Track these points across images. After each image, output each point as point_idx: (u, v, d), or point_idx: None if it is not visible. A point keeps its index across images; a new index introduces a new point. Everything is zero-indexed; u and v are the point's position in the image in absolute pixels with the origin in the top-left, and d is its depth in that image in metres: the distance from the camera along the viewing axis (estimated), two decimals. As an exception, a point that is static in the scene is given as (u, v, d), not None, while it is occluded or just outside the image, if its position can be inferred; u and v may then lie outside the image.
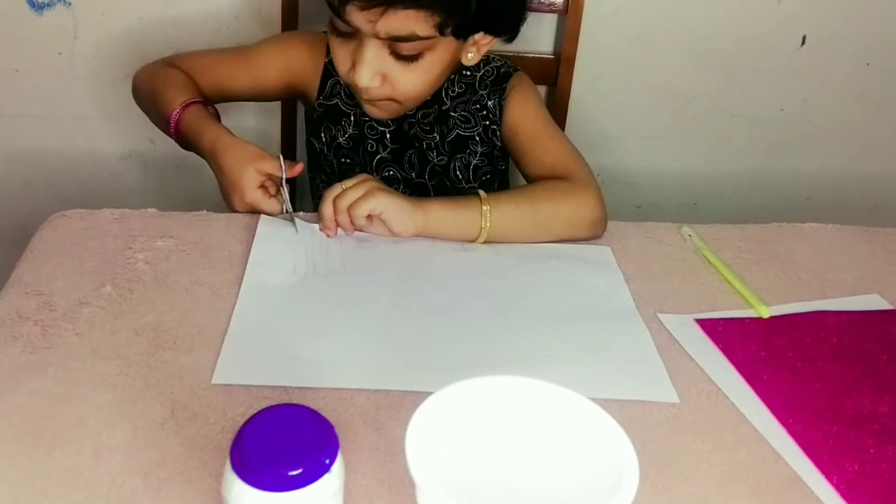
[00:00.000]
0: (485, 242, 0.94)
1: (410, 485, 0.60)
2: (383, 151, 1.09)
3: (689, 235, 1.02)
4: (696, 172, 1.58)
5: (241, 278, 0.86)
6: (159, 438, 0.66)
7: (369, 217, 0.91)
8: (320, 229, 0.93)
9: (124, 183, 1.45)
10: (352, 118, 1.08)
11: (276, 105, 1.37)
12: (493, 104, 1.08)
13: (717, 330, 0.85)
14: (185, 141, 1.02)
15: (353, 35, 0.95)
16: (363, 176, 0.93)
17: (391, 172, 1.10)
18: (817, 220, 1.09)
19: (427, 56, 0.95)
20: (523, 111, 1.08)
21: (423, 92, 1.01)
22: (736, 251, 1.00)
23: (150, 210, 0.95)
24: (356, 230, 0.93)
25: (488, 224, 0.92)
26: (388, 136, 1.09)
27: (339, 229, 0.93)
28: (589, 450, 0.60)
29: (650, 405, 0.75)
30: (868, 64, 1.52)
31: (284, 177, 0.95)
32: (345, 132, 1.08)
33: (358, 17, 0.91)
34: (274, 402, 0.66)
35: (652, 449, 0.69)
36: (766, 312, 0.89)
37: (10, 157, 1.40)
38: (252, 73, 1.09)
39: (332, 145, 1.10)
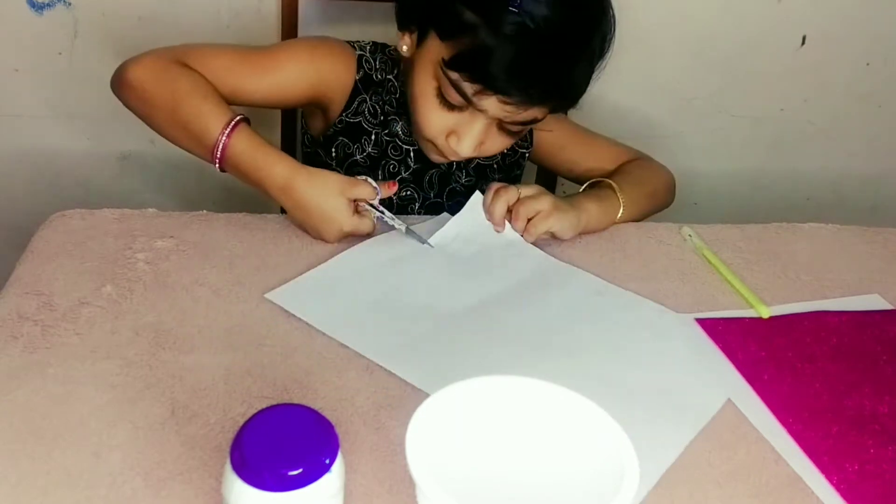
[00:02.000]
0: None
1: (410, 485, 0.60)
2: (405, 172, 1.08)
3: (690, 235, 1.02)
4: (696, 172, 1.58)
5: (241, 278, 0.86)
6: (159, 438, 0.66)
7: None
8: (490, 221, 0.96)
9: (124, 183, 1.45)
10: (373, 137, 1.05)
11: (276, 117, 1.37)
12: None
13: (717, 330, 0.85)
14: (235, 170, 0.92)
15: (462, 108, 0.93)
16: (538, 188, 0.97)
17: (408, 192, 1.08)
18: (817, 220, 1.09)
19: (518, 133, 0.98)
20: (563, 127, 1.12)
21: (498, 152, 1.03)
22: (736, 251, 1.00)
23: (150, 210, 0.95)
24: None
25: (622, 206, 1.03)
26: (411, 154, 1.07)
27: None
28: (589, 450, 0.60)
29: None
30: (868, 64, 1.52)
31: (379, 198, 0.94)
32: (363, 150, 1.05)
33: (495, 108, 0.91)
34: (274, 402, 0.67)
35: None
36: (766, 312, 0.89)
37: (10, 157, 1.40)
38: (277, 80, 1.00)
39: (346, 161, 1.06)
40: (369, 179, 0.94)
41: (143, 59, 0.94)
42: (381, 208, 0.94)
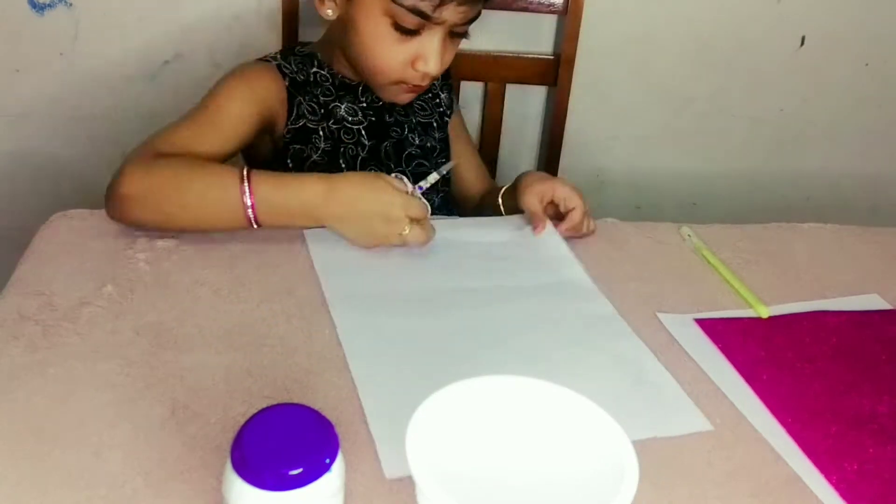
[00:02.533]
0: None
1: (410, 485, 0.61)
2: (363, 152, 1.09)
3: (689, 235, 1.02)
4: (696, 172, 1.59)
5: (242, 278, 0.86)
6: (160, 438, 0.66)
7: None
8: (531, 225, 0.99)
9: (125, 183, 1.45)
10: (321, 132, 1.06)
11: None
12: (446, 97, 1.18)
13: (717, 330, 0.85)
14: (272, 219, 0.89)
15: (416, 32, 0.97)
16: (573, 189, 1.00)
17: (372, 168, 1.10)
18: (817, 220, 1.09)
19: (463, 36, 1.02)
20: (463, 128, 1.24)
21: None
22: (735, 251, 1.00)
23: (150, 210, 0.95)
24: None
25: None
26: (363, 133, 1.09)
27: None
28: (589, 450, 0.60)
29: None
30: (867, 64, 1.52)
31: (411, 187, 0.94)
32: (317, 148, 1.06)
33: (452, 13, 0.95)
34: (274, 402, 0.67)
35: (652, 449, 0.70)
36: (765, 312, 0.89)
37: (10, 157, 1.40)
38: (233, 125, 0.98)
39: (305, 165, 1.07)
40: (401, 176, 0.94)
41: (125, 171, 0.88)
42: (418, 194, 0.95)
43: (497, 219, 1.04)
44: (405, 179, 0.93)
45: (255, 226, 0.89)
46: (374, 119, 1.10)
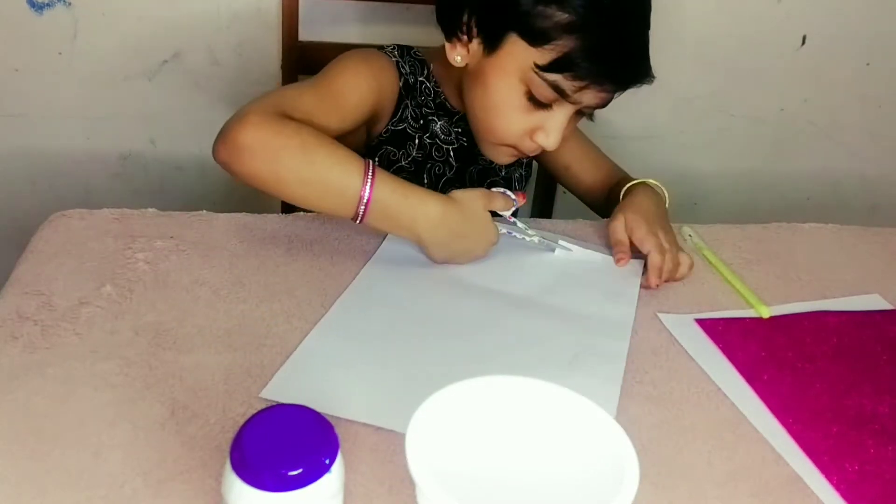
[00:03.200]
0: None
1: (410, 485, 0.60)
2: (449, 172, 1.08)
3: (690, 235, 1.02)
4: (697, 172, 1.59)
5: (241, 278, 0.86)
6: (159, 438, 0.66)
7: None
8: (614, 253, 0.96)
9: (124, 183, 1.45)
10: (416, 141, 1.04)
11: None
12: None
13: (717, 330, 0.85)
14: (381, 220, 0.87)
15: (547, 105, 0.93)
16: (651, 234, 0.94)
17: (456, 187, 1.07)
18: (817, 220, 1.09)
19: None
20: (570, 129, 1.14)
21: None
22: (736, 251, 1.00)
23: (150, 210, 0.95)
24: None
25: (666, 197, 1.04)
26: (451, 154, 1.07)
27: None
28: (589, 450, 0.60)
29: (650, 405, 0.75)
30: (868, 64, 1.52)
31: (517, 206, 0.94)
32: (408, 155, 1.04)
33: (591, 98, 0.92)
34: (274, 403, 0.67)
35: (652, 449, 0.70)
36: (766, 312, 0.88)
37: (10, 157, 1.40)
38: (352, 105, 0.96)
39: (391, 169, 1.04)
40: (507, 192, 0.93)
41: (249, 120, 0.84)
42: (514, 220, 0.95)
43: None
44: (509, 194, 0.93)
45: (359, 221, 0.86)
46: (465, 144, 1.07)
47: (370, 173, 0.84)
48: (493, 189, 0.93)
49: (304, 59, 1.32)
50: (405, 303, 0.85)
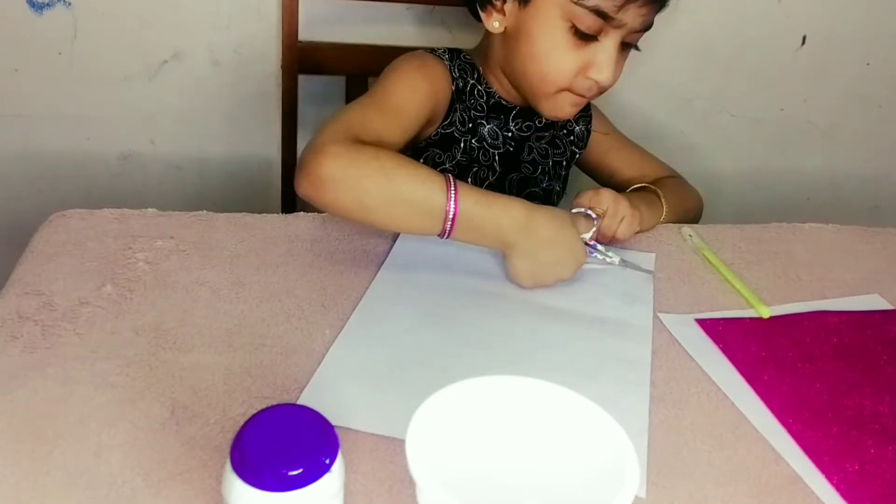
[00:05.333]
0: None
1: (410, 485, 0.60)
2: (492, 177, 1.09)
3: (690, 235, 1.02)
4: (697, 172, 1.58)
5: (242, 278, 0.86)
6: (159, 438, 0.66)
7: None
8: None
9: (124, 183, 1.45)
10: (461, 145, 1.05)
11: (277, 131, 1.37)
12: (581, 130, 1.16)
13: (717, 330, 0.85)
14: (466, 231, 0.86)
15: (592, 37, 0.94)
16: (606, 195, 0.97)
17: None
18: (817, 220, 1.09)
19: (633, 46, 1.01)
20: (606, 129, 1.18)
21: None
22: (736, 251, 1.00)
23: (150, 210, 0.95)
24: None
25: (665, 213, 1.06)
26: (496, 159, 1.08)
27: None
28: (589, 450, 0.60)
29: (650, 405, 0.75)
30: (868, 64, 1.52)
31: (596, 228, 0.95)
32: (453, 158, 1.05)
33: (633, 17, 0.94)
34: (274, 402, 0.67)
35: (652, 449, 0.70)
36: (766, 312, 0.88)
37: (10, 157, 1.40)
38: (412, 115, 0.97)
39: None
40: (589, 212, 0.94)
41: (327, 151, 0.83)
42: (594, 243, 0.95)
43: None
44: (590, 213, 0.95)
45: (446, 237, 0.85)
46: (511, 149, 1.09)
47: (452, 188, 0.83)
48: (574, 210, 0.95)
49: (304, 60, 1.32)
50: (420, 313, 0.85)
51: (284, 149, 1.38)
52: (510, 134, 1.08)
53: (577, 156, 1.18)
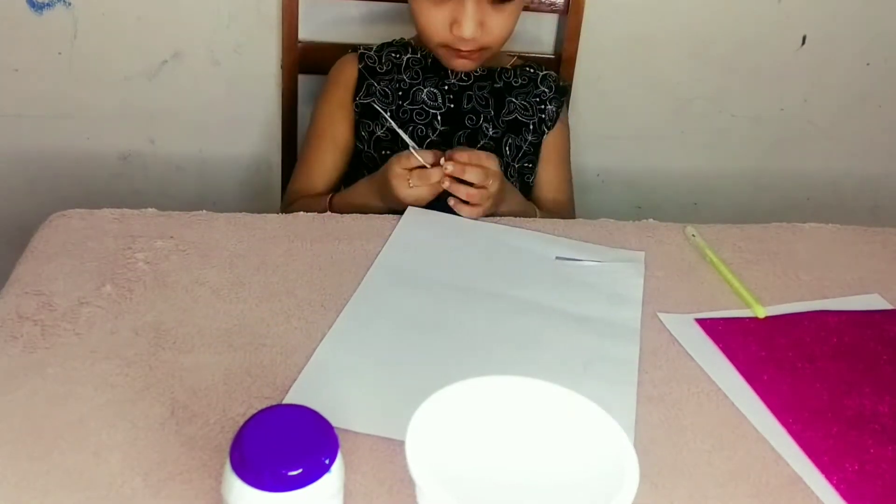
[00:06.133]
0: None
1: (410, 485, 0.60)
2: (433, 135, 1.16)
3: (693, 235, 1.02)
4: (696, 172, 1.58)
5: (241, 278, 0.86)
6: (159, 438, 0.66)
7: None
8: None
9: (124, 183, 1.45)
10: (387, 114, 1.12)
11: (277, 131, 1.37)
12: (553, 110, 1.20)
13: (717, 330, 0.85)
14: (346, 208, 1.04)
15: None
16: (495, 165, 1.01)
17: None
18: (817, 220, 1.09)
19: (509, 2, 1.06)
20: (562, 135, 1.23)
21: (508, 35, 1.11)
22: (736, 251, 1.00)
23: (149, 210, 0.95)
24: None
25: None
26: (438, 118, 1.16)
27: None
28: (589, 450, 0.60)
29: (650, 405, 0.75)
30: (868, 64, 1.52)
31: (425, 160, 0.99)
32: (382, 126, 1.14)
33: None
34: (274, 402, 0.67)
35: (652, 449, 0.69)
36: (762, 312, 0.88)
37: (10, 157, 1.40)
38: (338, 134, 1.17)
39: (372, 139, 1.16)
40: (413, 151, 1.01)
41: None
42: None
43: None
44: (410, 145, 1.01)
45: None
46: (452, 106, 1.16)
47: (328, 206, 1.06)
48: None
49: (303, 59, 1.32)
50: (409, 311, 0.85)
51: (284, 149, 1.38)
52: (447, 88, 1.16)
53: (546, 134, 1.20)
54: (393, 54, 1.18)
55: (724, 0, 1.42)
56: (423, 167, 0.99)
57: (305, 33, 1.32)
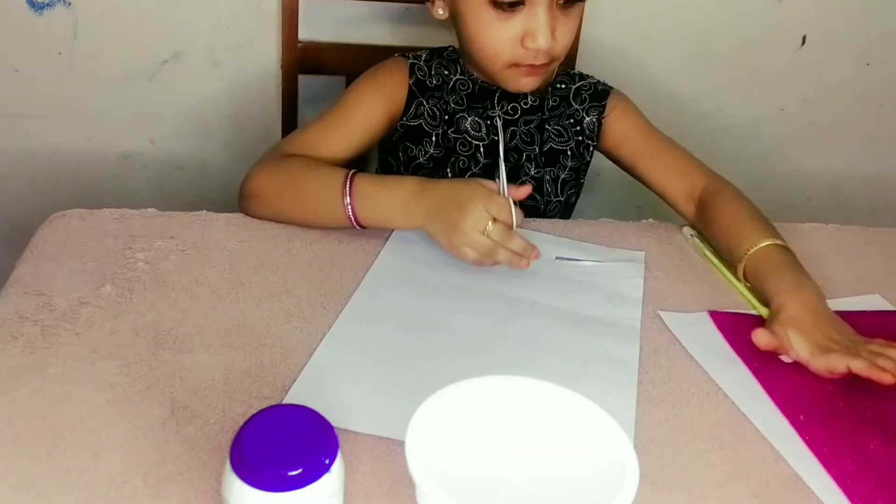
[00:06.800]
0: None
1: (410, 485, 0.60)
2: (475, 167, 1.08)
3: (691, 235, 1.02)
4: (696, 172, 1.58)
5: (241, 278, 0.86)
6: (159, 438, 0.66)
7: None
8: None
9: (124, 183, 1.45)
10: (433, 138, 1.06)
11: (276, 131, 1.37)
12: (592, 120, 1.10)
13: (728, 324, 0.86)
14: (369, 214, 0.92)
15: (519, 5, 0.93)
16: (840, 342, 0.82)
17: None
18: (817, 220, 1.09)
19: (578, 3, 0.97)
20: (633, 122, 1.11)
21: (570, 44, 1.00)
22: (736, 251, 1.00)
23: (149, 210, 0.95)
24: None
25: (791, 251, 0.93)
26: (481, 150, 1.07)
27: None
28: (589, 450, 0.60)
29: (650, 405, 0.75)
30: (868, 64, 1.52)
31: (515, 222, 0.88)
32: (425, 152, 1.07)
33: None
34: (274, 403, 0.67)
35: (652, 449, 0.69)
36: (766, 312, 0.88)
37: (9, 156, 1.40)
38: (359, 123, 1.03)
39: (411, 164, 1.08)
40: (510, 199, 0.88)
41: (252, 171, 0.99)
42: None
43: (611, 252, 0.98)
44: (499, 180, 0.90)
45: (357, 225, 0.93)
46: (495, 139, 1.04)
47: (349, 181, 0.92)
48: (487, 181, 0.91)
49: (303, 59, 1.32)
50: (409, 311, 0.85)
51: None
52: (491, 121, 1.07)
53: (592, 148, 1.11)
54: (444, 70, 1.07)
55: (724, 0, 1.42)
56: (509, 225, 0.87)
57: (305, 33, 1.32)
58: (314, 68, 1.32)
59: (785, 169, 1.61)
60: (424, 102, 1.06)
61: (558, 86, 1.10)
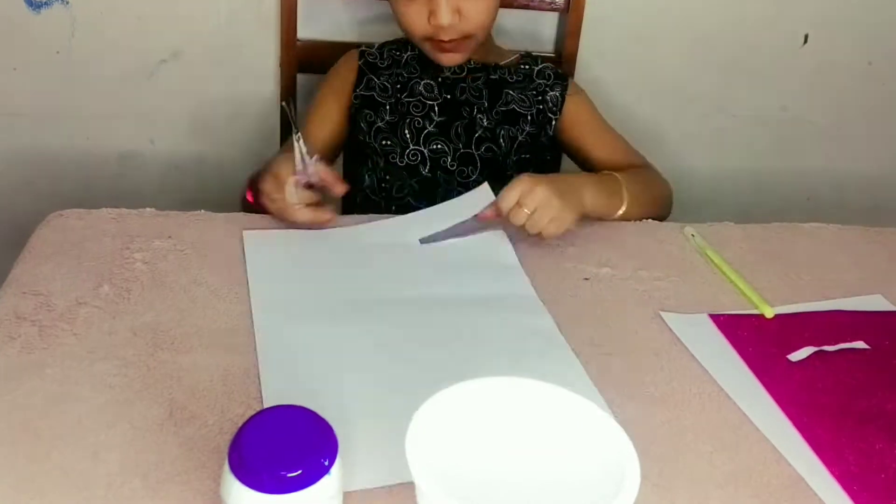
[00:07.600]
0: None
1: (410, 485, 0.60)
2: (430, 126, 1.16)
3: (693, 235, 1.02)
4: (697, 172, 1.58)
5: (240, 279, 0.86)
6: (157, 439, 0.66)
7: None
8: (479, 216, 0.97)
9: (124, 183, 1.45)
10: (387, 107, 1.16)
11: (276, 130, 1.37)
12: (556, 95, 1.19)
13: (729, 326, 0.85)
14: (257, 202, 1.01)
15: None
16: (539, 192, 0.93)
17: (439, 145, 1.16)
18: (818, 220, 1.08)
19: None
20: (587, 108, 1.22)
21: (489, 19, 1.12)
22: (737, 251, 1.00)
23: (148, 210, 0.95)
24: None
25: (625, 203, 1.05)
26: (435, 108, 1.16)
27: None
28: (589, 451, 0.59)
29: (652, 406, 0.75)
30: (870, 63, 1.51)
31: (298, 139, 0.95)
32: (382, 118, 1.16)
33: None
34: (272, 403, 0.66)
35: (653, 450, 0.69)
36: (770, 312, 0.88)
37: (8, 156, 1.40)
38: (327, 119, 1.18)
39: (373, 128, 1.17)
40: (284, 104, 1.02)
41: None
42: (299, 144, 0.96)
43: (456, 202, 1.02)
44: (299, 145, 0.95)
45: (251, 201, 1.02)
46: (448, 97, 1.17)
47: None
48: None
49: (302, 58, 1.32)
50: (312, 342, 0.79)
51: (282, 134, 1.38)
52: (441, 80, 1.17)
53: (553, 122, 1.18)
54: (394, 52, 1.20)
55: (724, 0, 1.42)
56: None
57: (304, 32, 1.32)
58: (313, 67, 1.32)
59: (786, 168, 1.61)
60: (375, 78, 1.18)
61: (522, 66, 1.20)
